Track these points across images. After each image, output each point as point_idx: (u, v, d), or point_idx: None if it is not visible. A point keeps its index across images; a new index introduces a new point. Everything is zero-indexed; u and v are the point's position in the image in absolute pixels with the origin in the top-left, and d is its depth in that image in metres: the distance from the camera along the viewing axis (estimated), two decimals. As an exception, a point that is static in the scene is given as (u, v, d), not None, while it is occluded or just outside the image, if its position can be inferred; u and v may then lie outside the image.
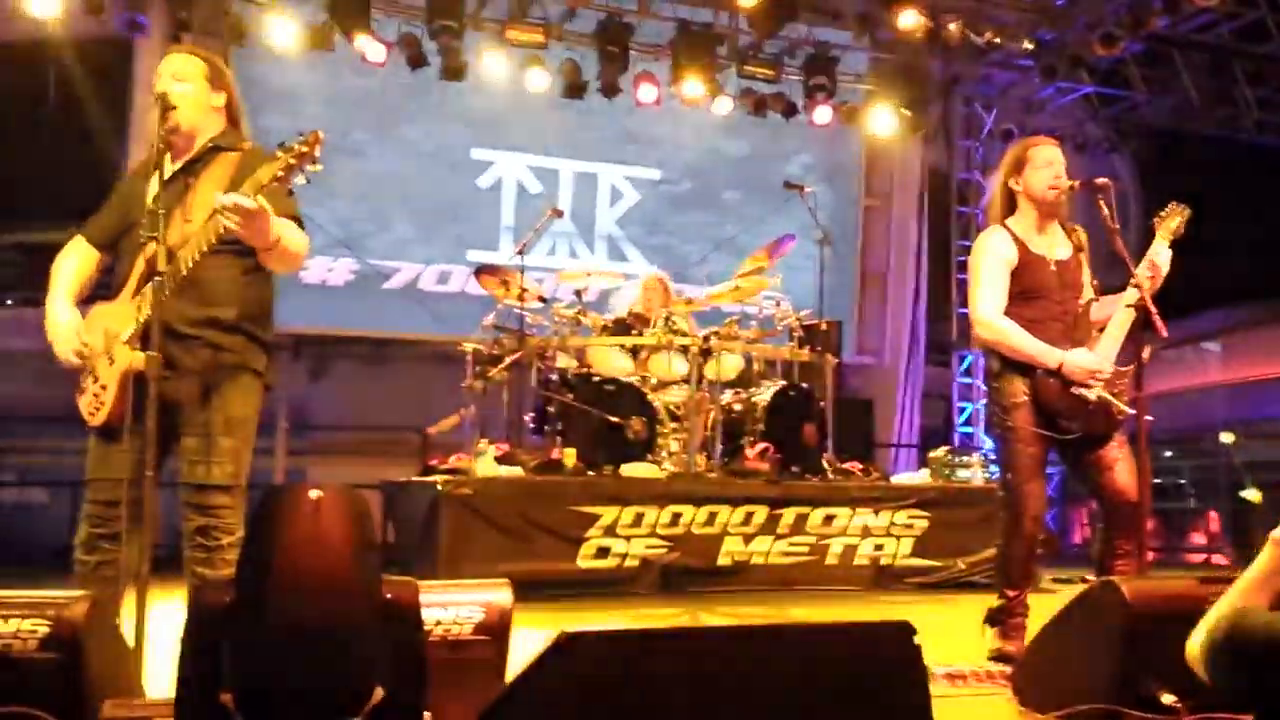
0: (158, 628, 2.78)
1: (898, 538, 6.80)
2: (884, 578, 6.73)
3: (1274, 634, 1.99)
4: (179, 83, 3.15)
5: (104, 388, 3.07)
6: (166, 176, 3.07)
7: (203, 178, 3.12)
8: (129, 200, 3.20)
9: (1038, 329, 3.83)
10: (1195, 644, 2.15)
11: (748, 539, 6.49)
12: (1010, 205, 4.02)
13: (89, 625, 2.45)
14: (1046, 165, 3.93)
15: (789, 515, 6.58)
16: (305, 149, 2.85)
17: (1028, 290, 3.89)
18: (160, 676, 2.63)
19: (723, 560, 6.43)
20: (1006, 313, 3.87)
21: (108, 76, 9.23)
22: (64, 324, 3.14)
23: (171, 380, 2.98)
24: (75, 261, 3.24)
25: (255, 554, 2.28)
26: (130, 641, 2.71)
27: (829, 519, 6.67)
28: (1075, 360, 3.77)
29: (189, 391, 3.06)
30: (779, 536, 6.55)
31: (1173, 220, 3.84)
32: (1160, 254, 3.77)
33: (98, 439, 3.12)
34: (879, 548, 6.77)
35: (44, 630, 2.40)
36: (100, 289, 3.26)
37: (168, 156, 3.12)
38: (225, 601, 2.26)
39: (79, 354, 3.11)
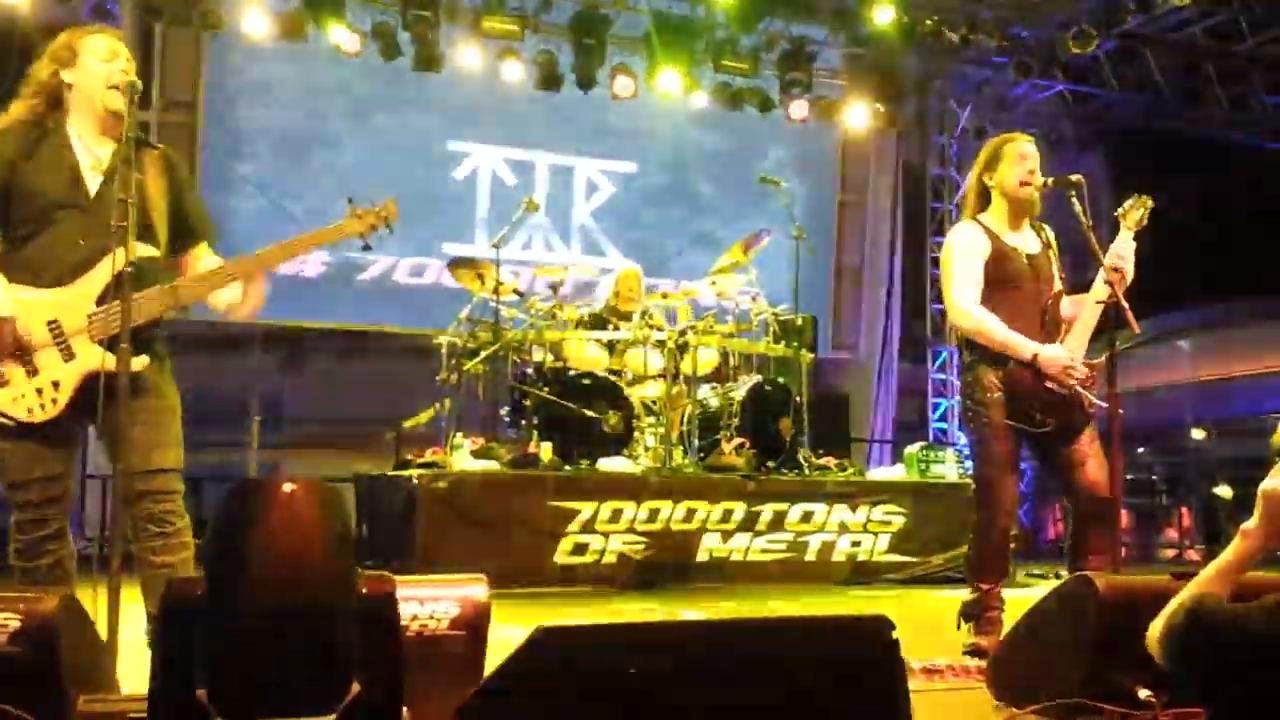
0: (123, 623, 2.74)
1: (874, 534, 6.83)
2: (861, 573, 6.76)
3: (1232, 623, 1.99)
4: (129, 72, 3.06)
5: (55, 384, 2.91)
6: (97, 168, 3.01)
7: (148, 175, 3.06)
8: (9, 175, 2.96)
9: (1012, 319, 3.84)
10: (1155, 630, 2.15)
11: (726, 536, 6.49)
12: (984, 200, 4.03)
13: (61, 619, 2.41)
14: (1020, 161, 3.94)
15: (767, 512, 6.59)
16: (385, 216, 3.32)
17: (1002, 280, 3.90)
18: (133, 672, 2.60)
19: (701, 557, 6.43)
20: (982, 303, 3.88)
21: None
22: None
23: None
24: None
25: (228, 548, 2.25)
26: (104, 636, 2.67)
27: (807, 516, 6.68)
28: (1050, 354, 3.77)
29: (137, 384, 2.99)
30: (757, 533, 6.56)
31: (1135, 212, 3.83)
32: (1125, 247, 3.77)
33: (29, 439, 2.93)
34: (856, 544, 6.79)
35: (15, 624, 2.36)
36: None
37: (80, 143, 3.05)
38: (197, 595, 2.23)
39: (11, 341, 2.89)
